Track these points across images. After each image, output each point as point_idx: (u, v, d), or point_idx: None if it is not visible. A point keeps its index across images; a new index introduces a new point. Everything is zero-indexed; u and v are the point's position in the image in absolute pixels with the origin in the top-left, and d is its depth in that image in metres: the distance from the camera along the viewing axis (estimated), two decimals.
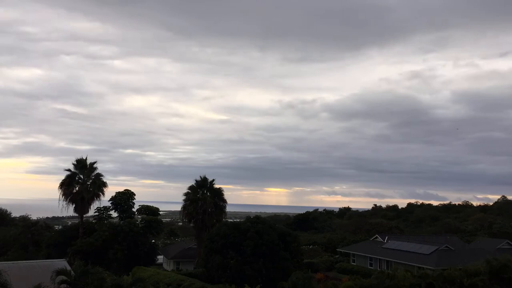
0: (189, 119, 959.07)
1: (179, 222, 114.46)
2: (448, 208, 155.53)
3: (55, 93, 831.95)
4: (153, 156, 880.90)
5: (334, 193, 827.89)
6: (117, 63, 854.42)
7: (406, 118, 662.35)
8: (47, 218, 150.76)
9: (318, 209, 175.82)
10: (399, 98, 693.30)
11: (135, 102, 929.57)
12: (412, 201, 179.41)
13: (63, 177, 66.62)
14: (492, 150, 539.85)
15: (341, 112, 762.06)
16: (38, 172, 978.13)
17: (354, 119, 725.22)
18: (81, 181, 66.84)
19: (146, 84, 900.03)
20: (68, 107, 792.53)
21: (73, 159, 68.24)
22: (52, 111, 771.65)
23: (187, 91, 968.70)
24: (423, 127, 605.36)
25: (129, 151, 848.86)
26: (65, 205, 65.39)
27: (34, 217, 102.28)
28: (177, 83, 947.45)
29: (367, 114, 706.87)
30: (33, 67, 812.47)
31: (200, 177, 65.69)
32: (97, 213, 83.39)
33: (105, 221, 78.75)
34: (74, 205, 65.61)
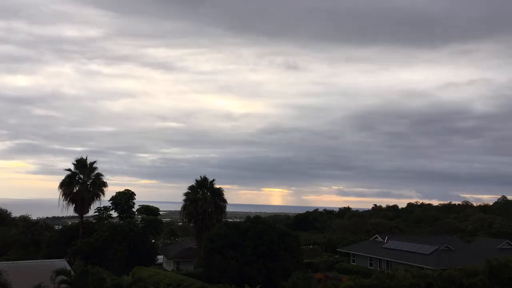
0: (183, 119, 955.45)
1: (179, 222, 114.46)
2: (448, 208, 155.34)
3: (45, 98, 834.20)
4: (147, 157, 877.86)
5: (343, 192, 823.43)
6: (107, 69, 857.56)
7: (426, 116, 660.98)
8: (47, 218, 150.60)
9: (318, 209, 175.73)
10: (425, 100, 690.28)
11: (127, 105, 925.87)
12: (412, 201, 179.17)
13: (62, 177, 66.68)
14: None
15: (356, 112, 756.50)
16: (38, 172, 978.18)
17: (370, 118, 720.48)
18: (81, 181, 66.73)
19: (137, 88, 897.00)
20: (58, 111, 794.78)
21: (69, 160, 68.32)
22: (42, 115, 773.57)
23: (178, 90, 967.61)
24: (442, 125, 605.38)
25: (121, 152, 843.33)
26: (65, 205, 65.37)
27: (34, 217, 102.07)
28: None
29: (383, 113, 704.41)
30: (21, 74, 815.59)
31: (200, 177, 65.62)
32: (97, 213, 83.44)
33: (105, 221, 78.80)
34: (74, 205, 65.50)
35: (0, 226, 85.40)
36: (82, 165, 67.24)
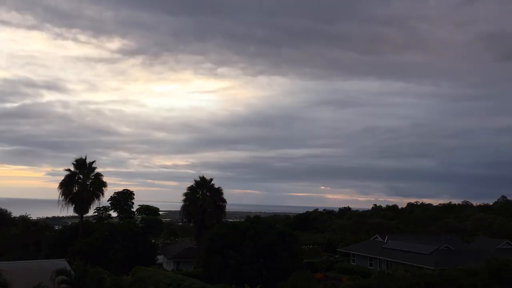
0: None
1: (179, 222, 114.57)
2: (448, 208, 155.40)
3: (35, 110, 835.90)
4: (137, 158, 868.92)
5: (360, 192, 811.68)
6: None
7: None
8: (47, 218, 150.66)
9: (318, 209, 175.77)
10: None
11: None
12: (413, 201, 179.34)
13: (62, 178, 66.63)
14: None
15: None
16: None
17: None
18: (81, 181, 66.71)
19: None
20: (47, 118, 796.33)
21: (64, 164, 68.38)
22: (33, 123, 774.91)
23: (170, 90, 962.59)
24: None
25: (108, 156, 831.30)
26: (65, 205, 65.37)
27: (34, 217, 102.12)
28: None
29: None
30: None
31: (199, 177, 65.72)
32: (96, 213, 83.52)
33: (105, 221, 78.82)
34: (74, 205, 65.50)
35: (0, 226, 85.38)
36: (81, 165, 67.23)
